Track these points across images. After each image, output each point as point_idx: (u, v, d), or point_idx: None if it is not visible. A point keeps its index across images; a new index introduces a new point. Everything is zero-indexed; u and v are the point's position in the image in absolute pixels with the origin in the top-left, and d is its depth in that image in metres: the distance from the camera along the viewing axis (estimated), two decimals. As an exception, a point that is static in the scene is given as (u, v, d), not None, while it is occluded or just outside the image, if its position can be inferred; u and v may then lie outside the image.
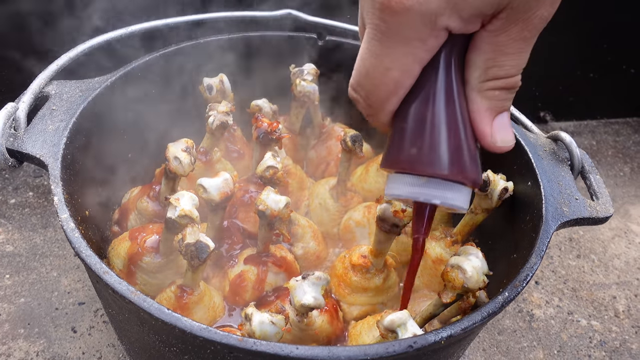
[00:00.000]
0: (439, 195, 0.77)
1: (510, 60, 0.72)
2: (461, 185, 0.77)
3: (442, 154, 0.74)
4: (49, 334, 1.35)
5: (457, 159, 0.74)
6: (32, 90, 1.15)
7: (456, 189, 0.77)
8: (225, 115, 1.28)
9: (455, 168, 0.75)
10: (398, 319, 0.89)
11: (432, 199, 0.77)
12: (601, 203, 1.17)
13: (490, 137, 0.76)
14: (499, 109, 0.75)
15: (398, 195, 0.79)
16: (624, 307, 1.63)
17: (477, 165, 0.77)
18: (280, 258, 1.19)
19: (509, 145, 0.77)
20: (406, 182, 0.77)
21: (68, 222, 0.93)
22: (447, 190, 0.76)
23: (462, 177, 0.76)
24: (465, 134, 0.75)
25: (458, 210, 0.80)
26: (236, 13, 1.54)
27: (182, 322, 0.80)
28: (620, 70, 2.29)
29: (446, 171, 0.74)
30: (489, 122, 0.75)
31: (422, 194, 0.77)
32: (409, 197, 0.78)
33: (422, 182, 0.76)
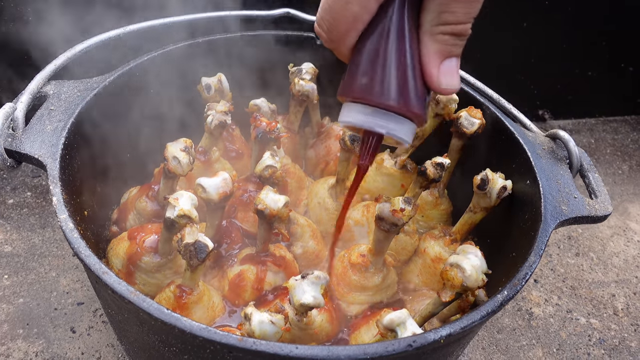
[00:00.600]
0: (384, 125, 0.82)
1: (461, 8, 0.77)
2: (406, 120, 0.82)
3: (389, 87, 0.80)
4: (48, 334, 1.35)
5: (403, 93, 0.80)
6: (30, 90, 1.15)
7: (400, 122, 0.82)
8: (224, 114, 1.27)
9: (400, 101, 0.80)
10: (397, 318, 0.89)
11: (377, 127, 0.82)
12: (600, 201, 1.17)
13: (436, 78, 0.81)
14: (447, 53, 0.80)
15: (347, 122, 0.85)
16: (623, 305, 1.63)
17: (423, 103, 0.82)
18: (280, 257, 1.19)
19: (453, 88, 0.82)
20: (356, 111, 0.83)
21: (67, 223, 0.93)
22: (392, 121, 0.82)
23: (406, 110, 0.81)
24: (413, 72, 0.80)
25: (402, 144, 0.86)
26: (234, 12, 1.53)
27: (181, 322, 0.80)
28: (618, 69, 2.30)
29: (392, 102, 0.80)
30: (437, 65, 0.80)
31: (369, 122, 0.83)
32: (357, 125, 0.84)
33: (370, 112, 0.82)
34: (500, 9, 1.98)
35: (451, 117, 1.30)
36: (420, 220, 1.41)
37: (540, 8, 2.03)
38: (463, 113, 1.28)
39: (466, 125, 1.27)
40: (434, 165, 1.20)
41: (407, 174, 1.41)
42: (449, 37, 0.79)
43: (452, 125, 1.30)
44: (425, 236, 1.33)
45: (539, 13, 2.04)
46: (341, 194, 1.37)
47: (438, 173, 1.20)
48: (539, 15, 2.04)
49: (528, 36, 2.08)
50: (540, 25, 2.06)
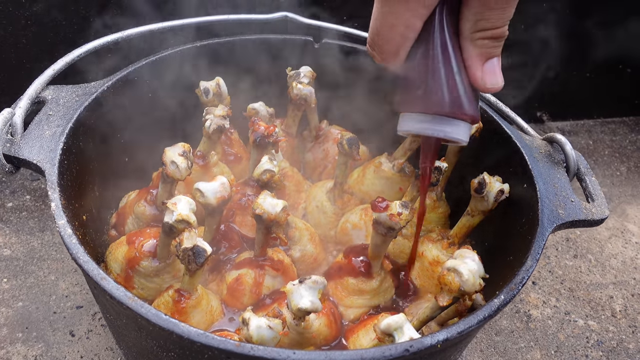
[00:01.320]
0: (442, 129, 0.91)
1: (496, 14, 0.83)
2: (461, 121, 0.91)
3: (442, 96, 0.88)
4: (47, 337, 1.35)
5: (455, 99, 0.89)
6: (28, 95, 1.16)
7: (456, 124, 0.91)
8: (222, 119, 1.28)
9: (454, 107, 0.89)
10: (394, 322, 0.90)
11: (436, 132, 0.92)
12: (597, 205, 1.17)
13: (480, 79, 0.89)
14: (488, 55, 0.88)
15: (408, 131, 0.95)
16: (621, 307, 1.63)
17: (474, 104, 0.91)
18: (278, 261, 1.19)
19: (496, 86, 0.90)
20: (415, 119, 0.93)
21: (65, 228, 0.93)
22: (449, 125, 0.91)
23: (461, 114, 0.90)
24: (461, 78, 0.89)
25: (459, 143, 0.95)
26: (232, 16, 1.54)
27: (179, 328, 0.80)
28: (616, 70, 2.30)
29: (447, 109, 0.89)
30: (480, 67, 0.88)
31: (429, 129, 0.92)
32: (418, 132, 0.94)
33: (428, 119, 0.91)
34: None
35: None
36: (418, 223, 1.42)
37: (538, 9, 2.03)
38: None
39: None
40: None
41: (405, 178, 1.42)
42: (488, 41, 0.87)
43: None
44: (423, 239, 1.33)
45: (537, 14, 2.04)
46: (339, 198, 1.38)
47: (435, 177, 1.20)
48: (537, 17, 2.04)
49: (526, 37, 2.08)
50: (538, 26, 2.06)
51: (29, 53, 1.66)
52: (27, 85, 1.18)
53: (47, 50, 1.66)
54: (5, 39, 1.61)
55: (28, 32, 1.62)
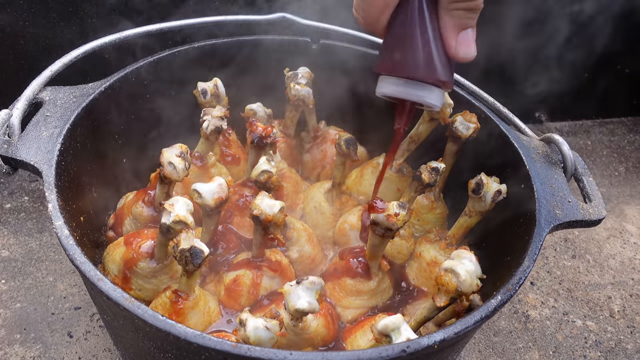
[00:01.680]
0: (416, 93, 0.97)
1: None
2: (435, 87, 0.97)
3: (417, 60, 0.94)
4: (45, 339, 1.35)
5: (430, 65, 0.94)
6: (26, 96, 1.16)
7: (430, 89, 0.97)
8: (220, 119, 1.28)
9: (428, 71, 0.95)
10: (392, 323, 0.90)
11: (410, 96, 0.98)
12: (594, 205, 1.17)
13: (454, 49, 0.94)
14: (462, 25, 0.93)
15: (384, 93, 1.01)
16: (619, 307, 1.63)
17: (448, 71, 0.96)
18: (275, 262, 1.19)
19: (469, 56, 0.95)
20: (391, 82, 0.99)
21: (62, 229, 0.93)
22: (423, 90, 0.97)
23: (434, 79, 0.96)
24: (436, 45, 0.94)
25: (433, 108, 1.01)
26: (230, 17, 1.54)
27: (176, 329, 0.80)
28: (614, 70, 2.30)
29: (421, 74, 0.95)
30: (454, 36, 0.94)
31: (402, 92, 0.98)
32: (392, 94, 1.00)
33: (403, 83, 0.98)
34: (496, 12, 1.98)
35: (446, 122, 1.30)
36: (416, 223, 1.41)
37: (536, 10, 2.03)
38: (458, 117, 1.29)
39: (461, 129, 1.28)
40: (429, 169, 1.21)
41: (403, 178, 1.42)
42: (463, 12, 0.92)
43: (447, 129, 1.30)
44: (421, 240, 1.33)
45: (535, 15, 2.04)
46: (337, 198, 1.38)
47: (433, 177, 1.20)
48: (536, 18, 2.04)
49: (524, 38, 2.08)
50: (537, 27, 2.07)
51: (26, 54, 1.66)
52: (24, 86, 1.18)
53: (45, 51, 1.66)
54: (3, 40, 1.61)
55: (26, 33, 1.62)
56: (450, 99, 1.29)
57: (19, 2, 1.55)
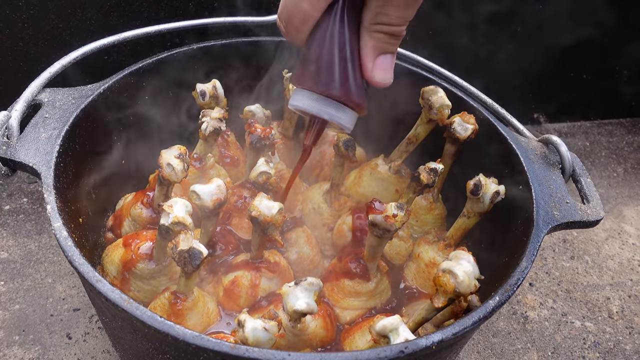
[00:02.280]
0: (327, 111, 0.95)
1: (396, 11, 0.87)
2: (347, 108, 0.96)
3: (332, 78, 0.92)
4: (44, 340, 1.35)
5: (344, 84, 0.93)
6: (24, 98, 1.16)
7: (342, 110, 0.96)
8: (218, 121, 1.28)
9: (342, 91, 0.93)
10: (390, 324, 0.90)
11: (321, 113, 0.96)
12: (592, 206, 1.18)
13: (370, 71, 0.92)
14: (382, 49, 0.91)
15: (297, 106, 0.98)
16: (618, 308, 1.64)
17: (362, 93, 0.95)
18: (274, 263, 1.20)
19: (385, 82, 0.94)
20: (306, 97, 0.97)
21: (61, 231, 0.93)
22: (335, 109, 0.95)
23: (347, 100, 0.94)
24: (353, 65, 0.92)
25: (344, 130, 0.99)
26: (229, 19, 1.54)
27: (174, 330, 0.81)
28: (613, 72, 2.31)
29: (334, 92, 0.93)
30: (372, 59, 0.92)
31: (315, 108, 0.96)
32: (305, 109, 0.97)
33: (316, 98, 0.95)
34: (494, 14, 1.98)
35: (444, 123, 1.30)
36: (415, 224, 1.42)
37: (534, 12, 2.03)
38: (456, 118, 1.29)
39: (459, 130, 1.28)
40: (427, 170, 1.21)
41: (401, 179, 1.42)
42: (384, 35, 0.89)
43: (446, 130, 1.31)
44: (420, 241, 1.34)
45: (534, 17, 2.04)
46: (336, 200, 1.38)
47: (431, 178, 1.20)
48: (534, 20, 2.05)
49: (523, 40, 2.08)
50: (535, 29, 2.07)
51: (25, 56, 1.66)
52: (23, 88, 1.18)
53: (44, 53, 1.67)
54: (2, 42, 1.61)
55: (25, 35, 1.62)
56: (448, 100, 1.29)
57: (18, 4, 1.56)
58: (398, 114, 1.48)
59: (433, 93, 1.29)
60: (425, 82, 1.40)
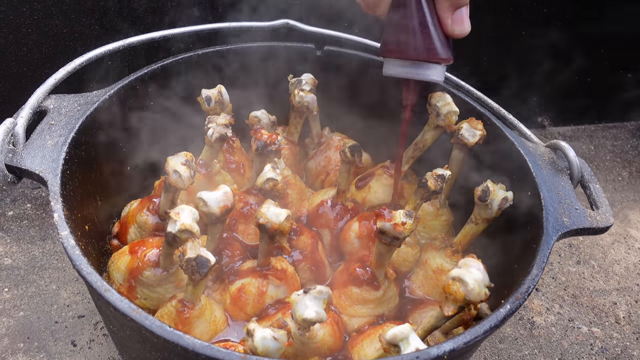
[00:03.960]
0: (420, 72, 1.09)
1: None
2: (437, 64, 1.09)
3: (418, 42, 1.05)
4: (48, 347, 1.34)
5: (430, 45, 1.05)
6: (30, 104, 1.15)
7: (432, 68, 1.09)
8: (224, 127, 1.27)
9: (429, 52, 1.06)
10: (400, 332, 0.89)
11: (415, 76, 1.10)
12: (601, 213, 1.17)
13: (450, 27, 1.04)
14: (456, 5, 1.02)
15: (391, 74, 1.12)
16: (625, 313, 1.63)
17: (448, 48, 1.07)
18: (281, 271, 1.19)
19: (464, 33, 1.05)
20: (395, 64, 1.11)
21: (68, 239, 0.93)
22: (425, 69, 1.09)
23: (435, 58, 1.07)
24: (434, 26, 1.04)
25: (437, 82, 1.12)
26: (234, 24, 1.53)
27: (184, 340, 0.80)
28: (618, 75, 2.30)
29: (423, 55, 1.06)
30: (449, 15, 1.03)
31: (407, 72, 1.10)
32: (397, 75, 1.11)
33: (407, 64, 1.09)
34: (499, 18, 1.98)
35: (452, 129, 1.30)
36: (422, 231, 1.41)
37: (538, 16, 2.03)
38: (464, 124, 1.28)
39: (467, 136, 1.27)
40: (434, 176, 1.20)
41: (408, 185, 1.41)
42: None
43: (453, 136, 1.30)
44: (427, 247, 1.33)
45: (538, 21, 2.04)
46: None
47: (439, 185, 1.20)
48: (538, 23, 2.04)
49: (527, 44, 2.08)
50: (539, 32, 2.07)
51: (30, 62, 1.65)
52: (28, 94, 1.17)
53: (49, 59, 1.66)
54: (6, 48, 1.61)
55: (29, 41, 1.61)
56: (455, 107, 1.29)
57: (22, 9, 1.55)
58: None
59: (440, 99, 1.29)
60: (432, 88, 1.39)
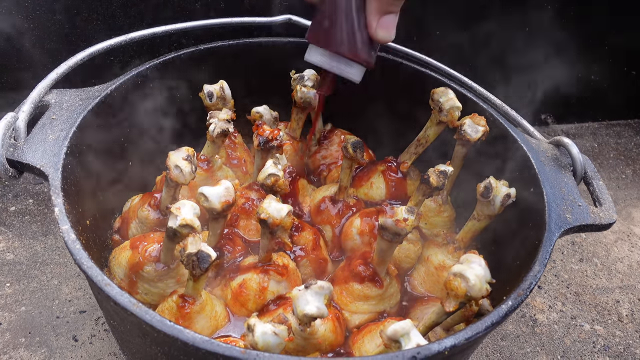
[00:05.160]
0: (338, 66, 1.10)
1: None
2: (357, 63, 1.10)
3: (342, 37, 1.06)
4: (50, 342, 1.34)
5: (353, 43, 1.06)
6: (31, 99, 1.15)
7: (351, 64, 1.10)
8: (226, 122, 1.27)
9: (350, 49, 1.07)
10: (401, 328, 0.89)
11: (333, 68, 1.11)
12: (604, 209, 1.16)
13: (374, 30, 1.04)
14: (385, 10, 1.02)
15: (311, 61, 1.13)
16: (628, 311, 1.62)
17: (369, 50, 1.08)
18: (282, 266, 1.18)
19: (387, 39, 1.06)
20: (319, 53, 1.11)
21: (69, 234, 0.92)
22: (345, 64, 1.10)
23: (355, 57, 1.07)
24: (360, 25, 1.05)
25: (353, 80, 1.12)
26: (236, 19, 1.53)
27: (184, 334, 0.80)
28: (621, 72, 2.29)
29: (344, 50, 1.07)
30: (376, 19, 1.03)
31: (327, 63, 1.11)
32: (317, 64, 1.12)
33: (328, 54, 1.10)
34: (502, 14, 1.97)
35: (455, 125, 1.29)
36: (424, 227, 1.40)
37: (542, 13, 2.02)
38: (467, 120, 1.28)
39: (470, 132, 1.27)
40: (437, 173, 1.20)
41: (410, 181, 1.41)
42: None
43: (456, 132, 1.29)
44: (429, 244, 1.33)
45: (542, 18, 2.03)
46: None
47: (441, 181, 1.19)
48: (541, 20, 2.03)
49: (531, 41, 2.07)
50: (543, 29, 2.06)
51: (32, 57, 1.65)
52: (29, 89, 1.17)
53: (50, 53, 1.66)
54: (9, 42, 1.61)
55: (31, 36, 1.61)
56: (458, 102, 1.28)
57: (25, 4, 1.55)
58: (407, 115, 1.47)
59: (443, 94, 1.28)
60: (434, 83, 1.39)
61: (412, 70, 1.48)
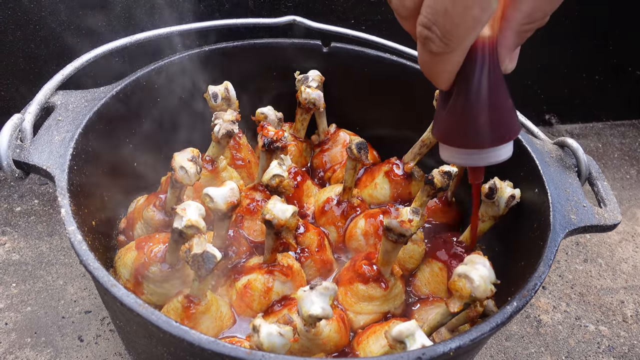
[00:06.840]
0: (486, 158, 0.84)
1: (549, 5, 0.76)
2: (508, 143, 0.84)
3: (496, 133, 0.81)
4: (55, 343, 1.35)
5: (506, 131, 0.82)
6: (37, 100, 1.16)
7: (503, 148, 0.84)
8: (231, 123, 1.27)
9: (505, 137, 0.82)
10: (406, 329, 0.89)
11: (481, 163, 0.85)
12: (609, 210, 1.16)
13: (504, 66, 0.82)
14: (520, 44, 0.81)
15: (453, 162, 0.88)
16: (632, 312, 1.62)
17: (515, 121, 0.84)
18: (287, 267, 1.19)
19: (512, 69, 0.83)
20: (460, 152, 0.85)
21: (75, 235, 0.93)
22: (497, 151, 0.84)
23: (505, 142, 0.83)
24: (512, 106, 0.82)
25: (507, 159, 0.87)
26: (240, 20, 1.53)
27: (189, 335, 0.80)
28: (625, 72, 2.28)
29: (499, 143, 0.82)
30: (509, 55, 0.81)
31: (474, 160, 0.85)
32: (466, 165, 0.88)
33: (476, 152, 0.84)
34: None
35: None
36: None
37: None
38: None
39: None
40: (441, 173, 1.20)
41: (415, 182, 1.41)
42: (531, 31, 0.80)
43: None
44: (433, 244, 1.33)
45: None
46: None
47: (445, 181, 1.19)
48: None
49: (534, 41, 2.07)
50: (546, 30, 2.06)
51: (37, 58, 1.66)
52: (35, 90, 1.18)
53: (56, 55, 1.67)
54: (14, 44, 1.61)
55: (36, 37, 1.62)
56: None
57: (30, 6, 1.56)
58: (411, 116, 1.47)
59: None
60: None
61: (416, 70, 1.48)
